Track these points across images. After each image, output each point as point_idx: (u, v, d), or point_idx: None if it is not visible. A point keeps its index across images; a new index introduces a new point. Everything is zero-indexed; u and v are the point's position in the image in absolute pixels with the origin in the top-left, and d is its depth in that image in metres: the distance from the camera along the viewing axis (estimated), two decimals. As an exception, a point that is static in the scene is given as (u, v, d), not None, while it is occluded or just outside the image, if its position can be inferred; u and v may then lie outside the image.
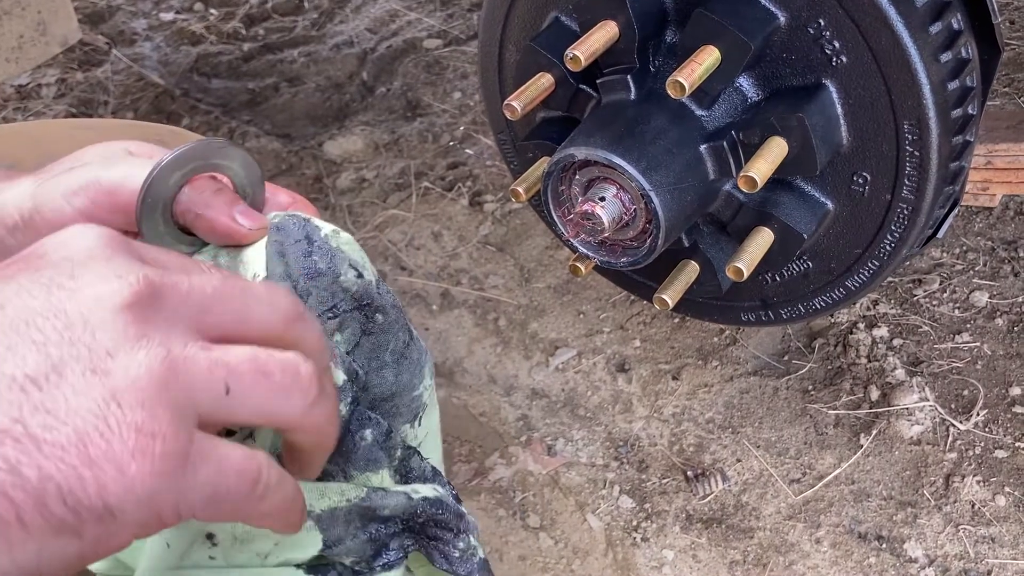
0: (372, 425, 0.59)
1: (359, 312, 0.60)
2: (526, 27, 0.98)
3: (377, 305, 0.61)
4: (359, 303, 0.60)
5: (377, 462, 0.60)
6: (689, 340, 1.67)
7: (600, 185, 0.86)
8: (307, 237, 0.59)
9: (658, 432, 1.55)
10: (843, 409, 1.53)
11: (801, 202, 0.89)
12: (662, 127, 0.86)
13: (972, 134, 0.88)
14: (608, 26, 0.86)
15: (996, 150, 1.16)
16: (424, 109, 2.30)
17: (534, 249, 1.89)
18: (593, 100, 0.94)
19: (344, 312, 0.59)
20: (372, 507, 0.58)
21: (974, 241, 1.73)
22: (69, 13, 1.72)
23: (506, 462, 1.54)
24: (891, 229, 0.89)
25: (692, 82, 0.79)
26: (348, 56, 2.52)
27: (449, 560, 0.61)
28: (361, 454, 0.59)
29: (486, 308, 1.79)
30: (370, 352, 0.61)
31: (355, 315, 0.60)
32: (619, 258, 0.90)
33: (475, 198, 2.02)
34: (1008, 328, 1.59)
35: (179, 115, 2.34)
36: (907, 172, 0.84)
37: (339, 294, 0.59)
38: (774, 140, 0.83)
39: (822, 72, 0.83)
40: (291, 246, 0.58)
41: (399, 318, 0.62)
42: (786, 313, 1.02)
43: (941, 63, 0.81)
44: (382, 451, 0.60)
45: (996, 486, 1.39)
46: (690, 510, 1.44)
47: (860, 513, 1.41)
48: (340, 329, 0.60)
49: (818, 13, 0.81)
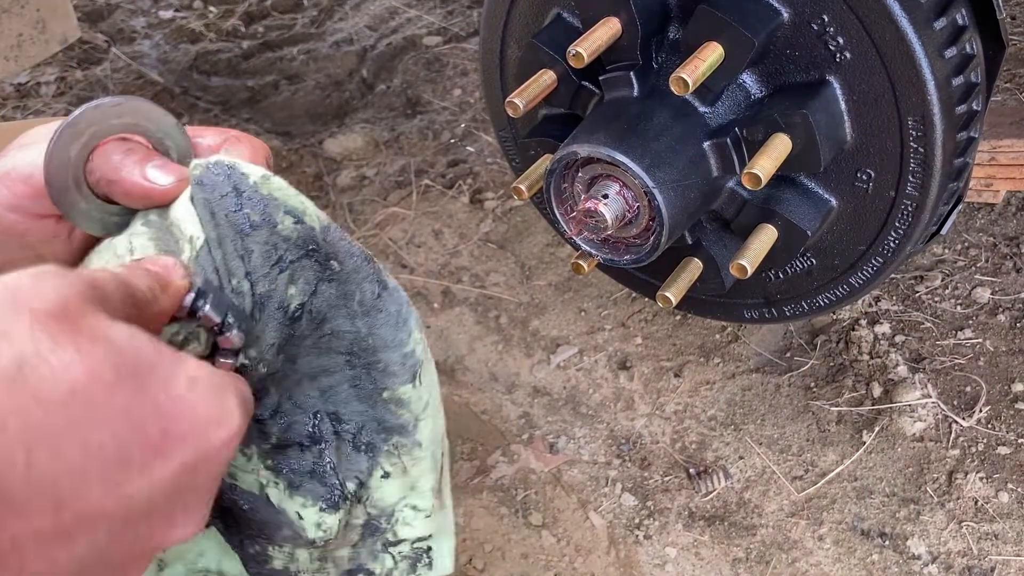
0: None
1: (308, 259, 0.57)
2: (528, 24, 0.98)
3: (328, 252, 0.57)
4: (306, 250, 0.57)
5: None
6: (691, 337, 1.67)
7: (603, 182, 0.86)
8: (235, 188, 0.55)
9: (660, 430, 1.55)
10: (845, 406, 1.53)
11: (805, 199, 0.89)
12: (665, 124, 0.86)
13: (976, 130, 0.87)
14: (611, 22, 0.85)
15: (1000, 146, 1.15)
16: (424, 106, 2.30)
17: (535, 246, 1.88)
18: (596, 97, 0.93)
19: (291, 263, 0.56)
20: None
21: (976, 237, 1.73)
22: (68, 11, 1.71)
23: (508, 460, 1.54)
24: (895, 226, 0.89)
25: (696, 78, 0.79)
26: (348, 53, 2.51)
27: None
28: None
29: (487, 306, 1.79)
30: (334, 300, 0.58)
31: (305, 263, 0.57)
32: (622, 256, 0.90)
33: (476, 195, 2.01)
34: (1010, 324, 1.59)
35: (178, 113, 2.34)
36: (911, 168, 0.84)
37: (280, 245, 0.56)
38: (778, 137, 0.82)
39: (826, 68, 0.83)
40: (218, 201, 0.55)
41: (362, 267, 0.59)
42: (789, 310, 1.02)
43: (946, 59, 0.80)
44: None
45: (999, 483, 1.39)
46: (692, 508, 1.44)
47: (863, 510, 1.40)
48: (292, 281, 0.57)
49: (822, 9, 0.80)
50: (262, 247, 0.55)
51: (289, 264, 0.56)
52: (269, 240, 0.56)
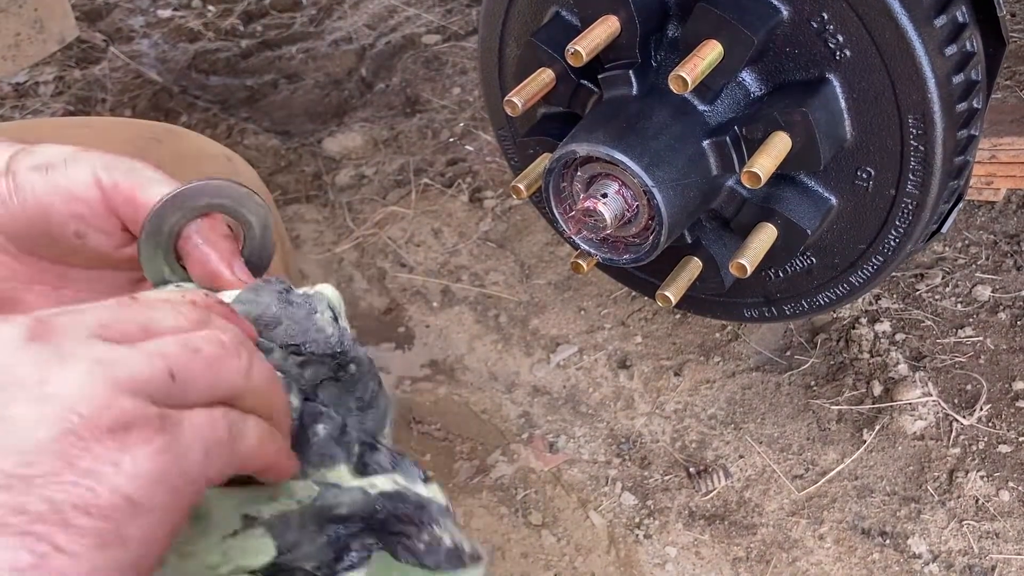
0: (325, 419, 0.59)
1: (331, 360, 0.60)
2: (526, 22, 0.98)
3: (352, 356, 0.60)
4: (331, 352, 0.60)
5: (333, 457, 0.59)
6: (691, 336, 1.67)
7: (602, 181, 0.85)
8: (285, 286, 0.60)
9: (660, 429, 1.55)
10: (846, 404, 1.52)
11: (805, 197, 0.89)
12: (664, 123, 0.85)
13: (977, 128, 0.87)
14: (609, 21, 0.85)
15: (1000, 144, 1.15)
16: (423, 105, 2.29)
17: (534, 245, 1.88)
18: (594, 96, 0.93)
19: (314, 357, 0.59)
20: (327, 507, 0.57)
21: (976, 235, 1.72)
22: (66, 10, 1.71)
23: (508, 459, 1.53)
24: (895, 224, 0.88)
25: (695, 77, 0.78)
26: (347, 52, 2.51)
27: (415, 553, 0.60)
28: (315, 449, 0.58)
29: (487, 305, 1.79)
30: (335, 397, 0.61)
31: (326, 360, 0.60)
32: (621, 255, 0.89)
33: (475, 194, 2.01)
34: (1011, 322, 1.58)
35: (177, 112, 2.33)
36: (912, 167, 0.84)
37: (311, 333, 0.59)
38: (777, 135, 0.82)
39: (826, 66, 0.83)
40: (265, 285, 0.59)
41: (371, 369, 0.62)
42: (789, 309, 1.02)
43: (946, 56, 0.80)
44: (338, 446, 0.59)
45: (1000, 481, 1.39)
46: (693, 507, 1.44)
47: (863, 509, 1.40)
48: (303, 367, 0.59)
49: (822, 7, 0.80)
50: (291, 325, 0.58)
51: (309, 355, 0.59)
52: (301, 323, 0.59)
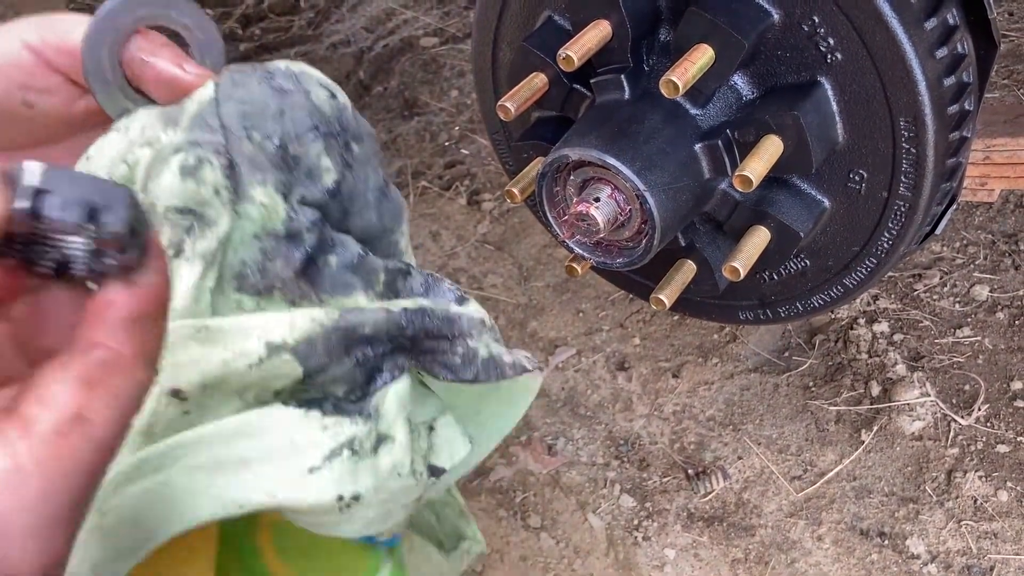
0: (336, 250, 0.56)
1: (335, 140, 0.55)
2: (519, 26, 0.98)
3: (354, 132, 0.56)
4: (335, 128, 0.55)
5: (348, 286, 0.56)
6: (689, 337, 1.67)
7: (595, 186, 0.85)
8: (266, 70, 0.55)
9: (659, 430, 1.55)
10: (844, 405, 1.52)
11: (797, 200, 0.89)
12: (656, 126, 0.85)
13: (969, 130, 0.87)
14: (601, 25, 0.85)
15: (994, 145, 1.15)
16: (421, 108, 2.29)
17: (533, 248, 1.88)
18: (587, 100, 0.93)
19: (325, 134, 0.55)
20: (350, 327, 0.54)
21: (974, 235, 1.72)
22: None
23: (506, 462, 1.53)
24: (888, 227, 0.88)
25: (686, 81, 0.78)
26: (345, 55, 2.51)
27: (451, 368, 0.57)
28: (327, 279, 0.55)
29: (485, 307, 1.79)
30: (351, 192, 0.57)
31: (333, 143, 0.55)
32: (615, 259, 0.90)
33: (473, 197, 2.01)
34: (1009, 322, 1.58)
35: (176, 117, 2.34)
36: (904, 169, 0.84)
37: (315, 114, 0.54)
38: (769, 138, 0.82)
39: (817, 69, 0.83)
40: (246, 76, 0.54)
41: (374, 147, 0.58)
42: (784, 311, 1.02)
43: (937, 59, 0.80)
44: (354, 275, 0.56)
45: (998, 481, 1.39)
46: (691, 508, 1.44)
47: (862, 510, 1.40)
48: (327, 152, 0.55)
49: (812, 10, 0.80)
50: (294, 113, 0.54)
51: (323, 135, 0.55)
52: (303, 106, 0.54)
